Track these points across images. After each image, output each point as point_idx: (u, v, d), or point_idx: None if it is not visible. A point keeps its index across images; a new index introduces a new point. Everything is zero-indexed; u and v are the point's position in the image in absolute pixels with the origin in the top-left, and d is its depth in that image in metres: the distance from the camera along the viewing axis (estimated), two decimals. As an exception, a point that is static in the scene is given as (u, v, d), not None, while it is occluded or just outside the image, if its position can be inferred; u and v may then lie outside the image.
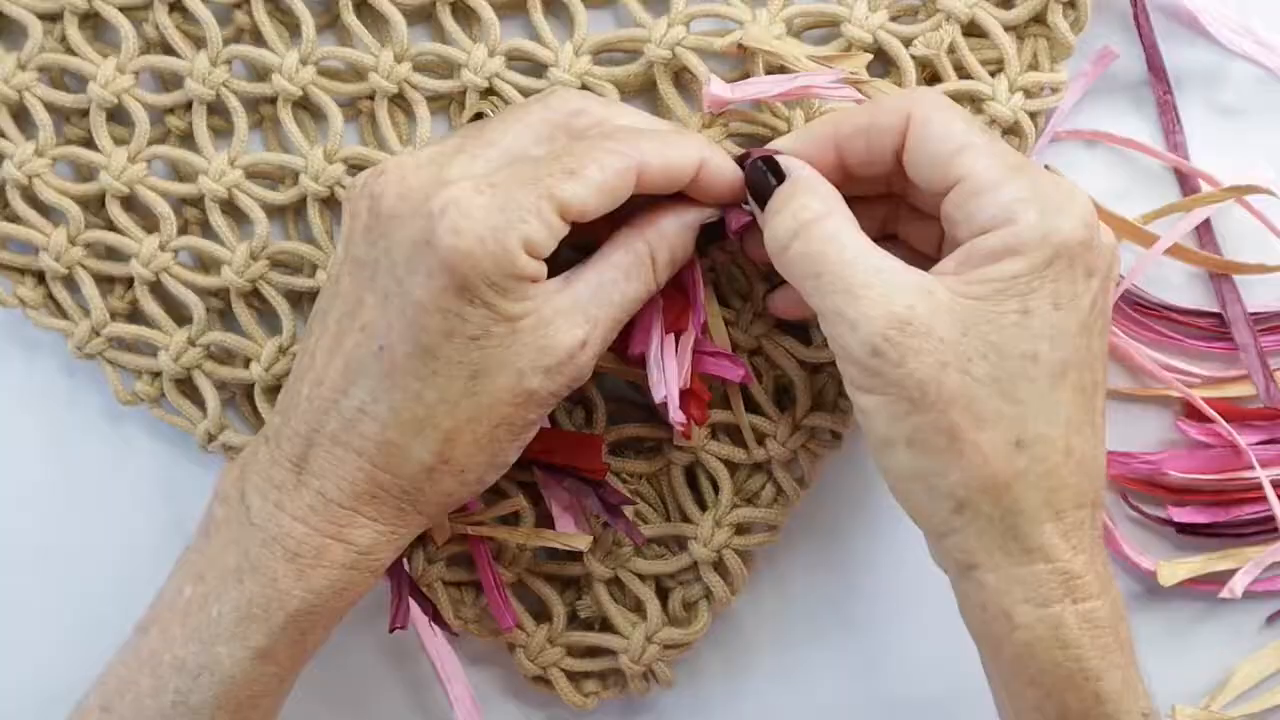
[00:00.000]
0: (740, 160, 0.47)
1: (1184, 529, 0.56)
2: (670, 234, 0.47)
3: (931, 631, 0.56)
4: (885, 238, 0.48)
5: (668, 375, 0.49)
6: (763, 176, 0.46)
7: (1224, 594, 0.55)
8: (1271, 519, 0.55)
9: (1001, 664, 0.44)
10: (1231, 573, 0.56)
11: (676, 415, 0.49)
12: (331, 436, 0.44)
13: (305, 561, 0.44)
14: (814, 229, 0.44)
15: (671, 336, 0.49)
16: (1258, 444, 0.55)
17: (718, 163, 0.47)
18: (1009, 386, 0.42)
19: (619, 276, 0.46)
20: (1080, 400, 0.43)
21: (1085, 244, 0.42)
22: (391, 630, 0.50)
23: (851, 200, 0.45)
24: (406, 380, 0.43)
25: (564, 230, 0.44)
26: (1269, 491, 0.54)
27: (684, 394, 0.49)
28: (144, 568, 0.55)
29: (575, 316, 0.45)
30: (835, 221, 0.44)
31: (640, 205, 0.47)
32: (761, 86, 0.51)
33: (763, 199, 0.46)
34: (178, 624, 0.45)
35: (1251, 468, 0.55)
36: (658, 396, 0.49)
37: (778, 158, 0.46)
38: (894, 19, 0.52)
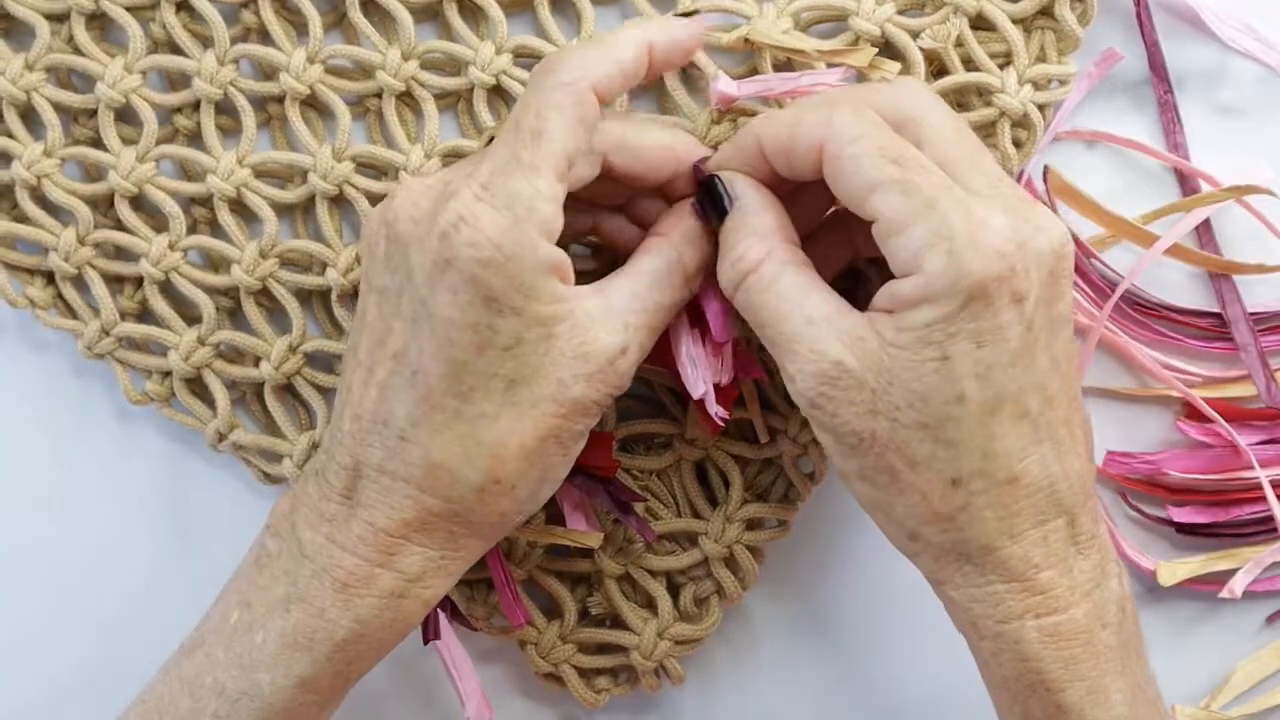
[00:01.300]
0: (695, 168, 0.47)
1: (1184, 529, 0.56)
2: (694, 234, 0.47)
3: (941, 628, 0.56)
4: None
5: (702, 372, 0.49)
6: (716, 195, 0.46)
7: (1224, 594, 0.55)
8: (1271, 519, 0.55)
9: (979, 665, 0.46)
10: (1231, 573, 0.56)
11: (716, 409, 0.48)
12: (377, 467, 0.44)
13: (354, 591, 0.44)
14: (751, 281, 0.44)
15: (698, 333, 0.49)
16: (1258, 444, 0.55)
17: (663, 43, 0.46)
18: (937, 430, 0.42)
19: (653, 284, 0.46)
20: (1022, 425, 0.42)
21: (1001, 278, 0.41)
22: (426, 642, 0.50)
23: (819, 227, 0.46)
24: (444, 400, 0.43)
25: (564, 190, 0.43)
26: (1268, 492, 0.54)
27: (719, 389, 0.49)
28: (152, 567, 0.56)
29: (612, 323, 0.45)
30: (771, 268, 0.44)
31: (667, 200, 0.48)
32: (768, 84, 0.51)
33: (716, 220, 0.46)
34: (221, 649, 0.45)
35: (1251, 468, 0.55)
36: (695, 393, 0.49)
37: (723, 176, 0.46)
38: (902, 12, 0.52)
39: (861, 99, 0.44)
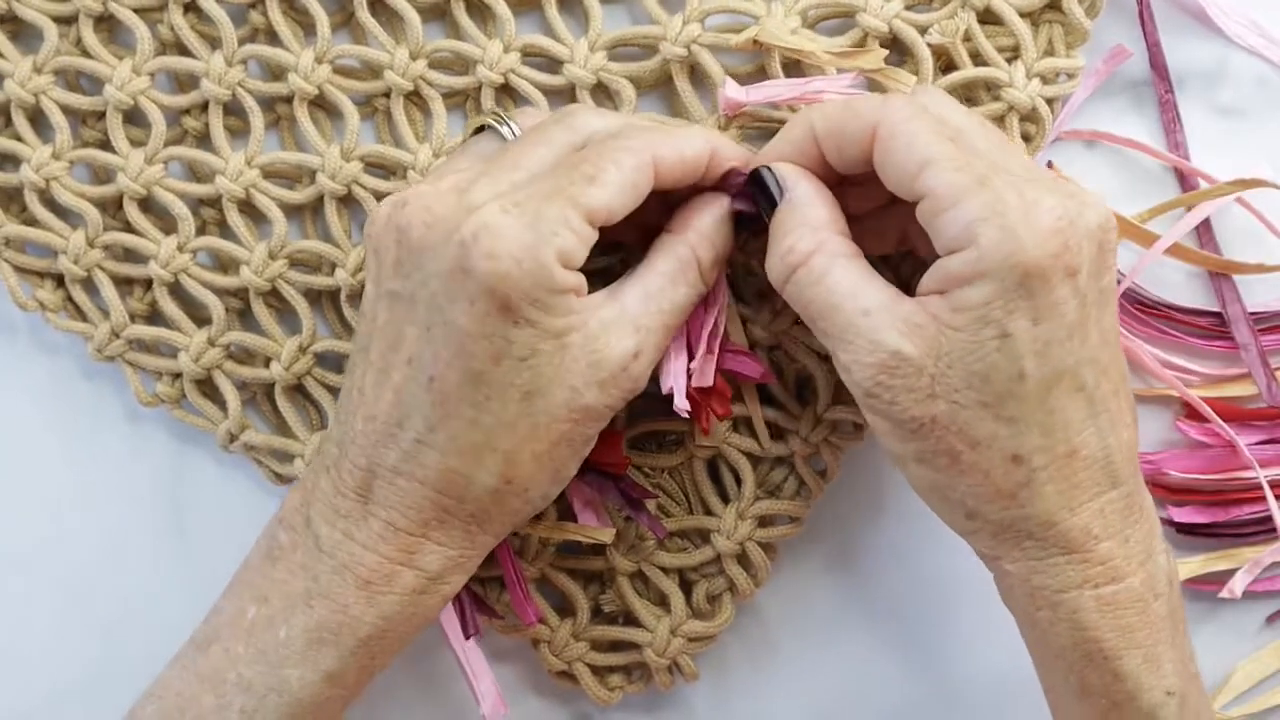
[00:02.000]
0: (725, 176, 0.47)
1: (1184, 529, 0.56)
2: (708, 230, 0.47)
3: (954, 622, 0.56)
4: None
5: (675, 366, 0.48)
6: (764, 188, 0.46)
7: (1224, 594, 0.56)
8: (1271, 519, 0.55)
9: (1031, 638, 0.46)
10: (1232, 573, 0.56)
11: (681, 404, 0.48)
12: (393, 469, 0.44)
13: (376, 588, 0.44)
14: (801, 274, 0.44)
15: (684, 329, 0.49)
16: (1257, 444, 0.56)
17: (727, 147, 0.47)
18: (998, 409, 0.42)
19: (665, 284, 0.46)
20: (1078, 399, 0.43)
21: (1055, 253, 0.41)
22: (467, 638, 0.51)
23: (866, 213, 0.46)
24: (460, 408, 0.43)
25: (593, 236, 0.44)
26: (1268, 492, 0.55)
27: (707, 390, 0.49)
28: (162, 567, 0.56)
29: (624, 327, 0.45)
30: (821, 261, 0.44)
31: (672, 206, 0.48)
32: (776, 89, 0.51)
33: (766, 211, 0.46)
34: (241, 644, 0.45)
35: (1251, 467, 0.55)
36: (665, 388, 0.49)
37: (775, 169, 0.46)
38: (909, 7, 0.52)
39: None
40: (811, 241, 0.44)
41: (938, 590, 0.56)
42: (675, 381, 0.48)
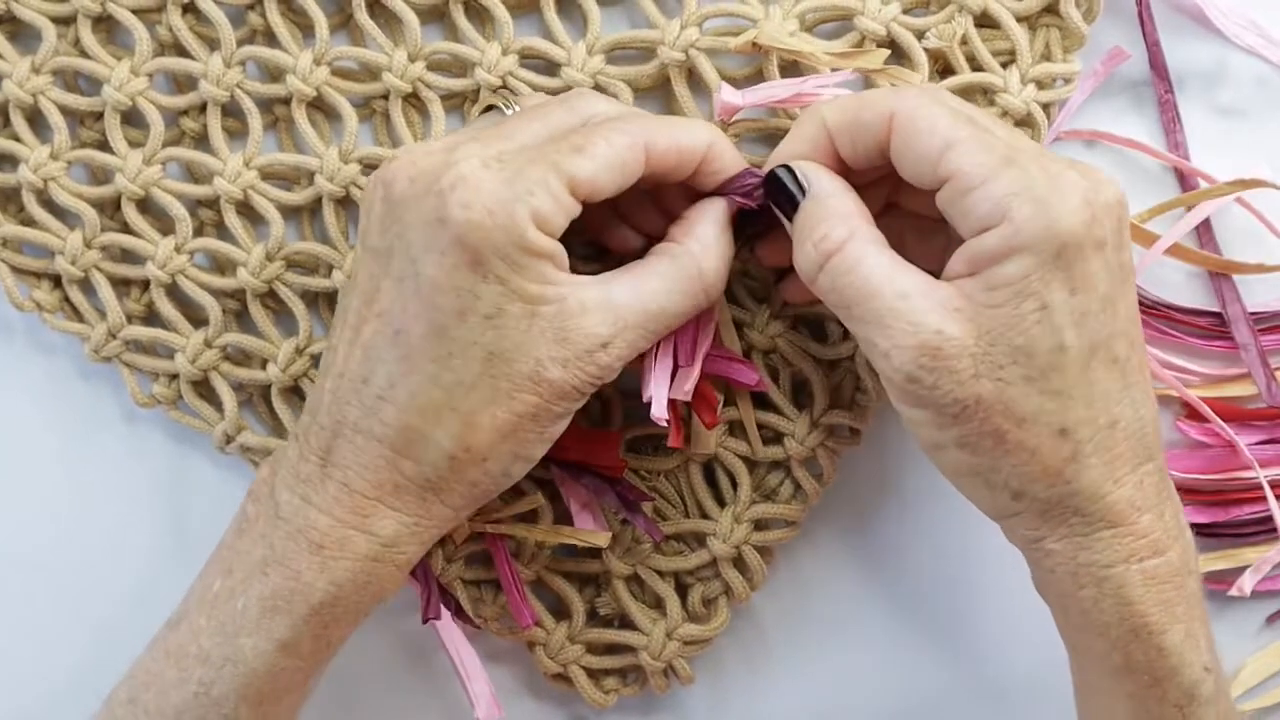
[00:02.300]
0: (736, 178, 0.47)
1: (1184, 529, 0.56)
2: (712, 239, 0.47)
3: (951, 625, 0.56)
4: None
5: (657, 374, 0.48)
6: (784, 187, 0.46)
7: (1233, 591, 0.56)
8: (1271, 518, 0.55)
9: (1070, 619, 0.46)
10: (1231, 572, 0.56)
11: (659, 413, 0.48)
12: (353, 425, 0.44)
13: (329, 553, 0.44)
14: (835, 261, 0.44)
15: (672, 338, 0.49)
16: (1257, 444, 0.56)
17: (724, 145, 0.47)
18: (1043, 383, 0.43)
19: (661, 287, 0.46)
20: (1114, 371, 0.43)
21: (1087, 223, 0.42)
22: (425, 621, 0.50)
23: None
24: (423, 363, 0.43)
25: (575, 208, 0.44)
26: (1268, 492, 0.54)
27: (694, 399, 0.49)
28: (159, 568, 0.56)
29: (603, 315, 0.45)
30: (856, 247, 0.44)
31: (672, 217, 0.48)
32: (772, 91, 0.51)
33: (787, 210, 0.46)
34: (204, 617, 0.45)
35: (1251, 467, 0.55)
36: (645, 394, 0.48)
37: (795, 166, 0.46)
38: (907, 11, 0.52)
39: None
40: (845, 230, 0.44)
41: (934, 594, 0.56)
42: (655, 391, 0.48)
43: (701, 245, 0.47)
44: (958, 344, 0.42)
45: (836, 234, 0.44)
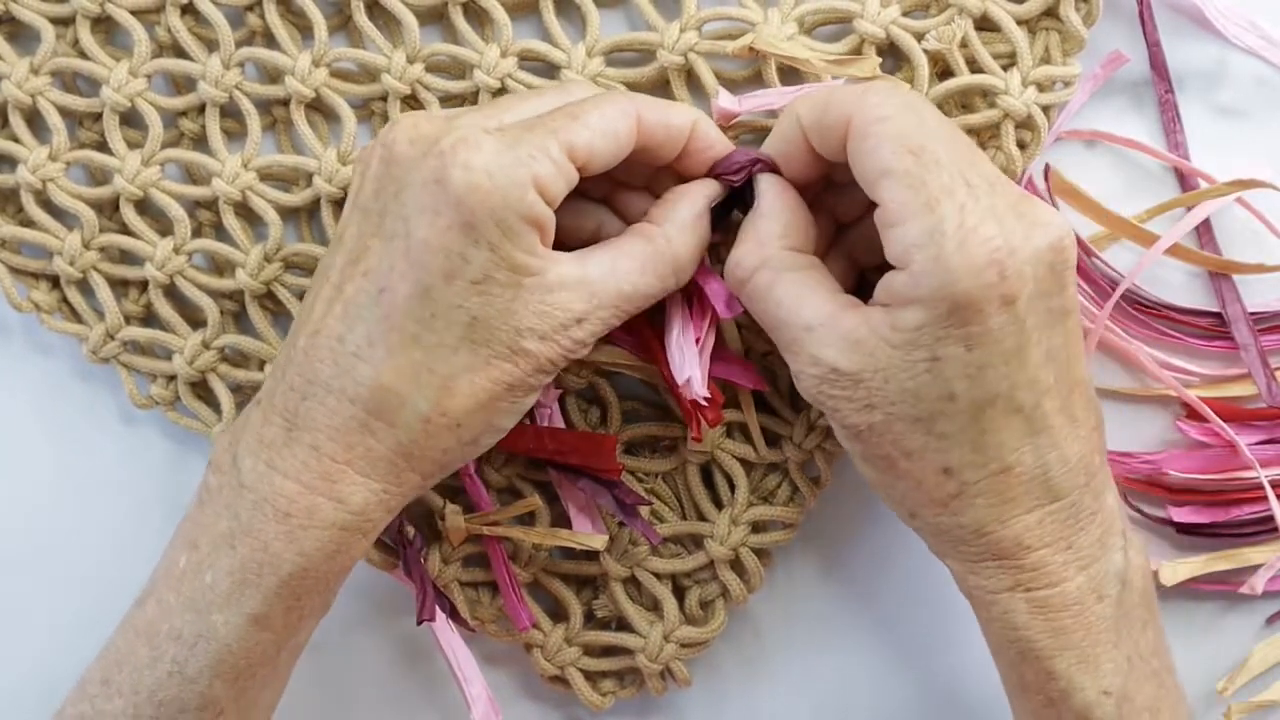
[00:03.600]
0: (727, 158, 0.48)
1: (1184, 529, 0.56)
2: (686, 220, 0.47)
3: (946, 628, 0.56)
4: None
5: (688, 357, 0.49)
6: (744, 196, 0.48)
7: (1244, 590, 0.55)
8: (1271, 518, 0.55)
9: (983, 633, 0.47)
10: (1232, 572, 0.56)
11: (700, 390, 0.49)
12: (325, 385, 0.44)
13: (296, 522, 0.44)
14: (748, 290, 0.46)
15: (691, 324, 0.49)
16: (1258, 444, 0.55)
17: (708, 124, 0.48)
18: (929, 424, 0.43)
19: (634, 267, 0.46)
20: (1015, 421, 0.43)
21: (989, 284, 0.41)
22: (420, 623, 0.50)
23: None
24: (405, 323, 0.43)
25: (573, 175, 0.44)
26: (1269, 491, 0.54)
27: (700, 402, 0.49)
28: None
29: (580, 290, 0.45)
30: (765, 278, 0.45)
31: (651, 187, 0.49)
32: (768, 98, 0.51)
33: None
34: (173, 593, 0.45)
35: (1251, 467, 0.55)
36: (680, 378, 0.49)
37: (756, 177, 0.48)
38: (906, 14, 0.52)
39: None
40: (756, 258, 0.46)
41: (930, 596, 0.56)
42: (692, 371, 0.49)
43: (676, 228, 0.47)
44: (852, 377, 0.44)
45: (748, 262, 0.46)
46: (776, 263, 0.46)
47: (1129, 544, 0.46)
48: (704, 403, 0.49)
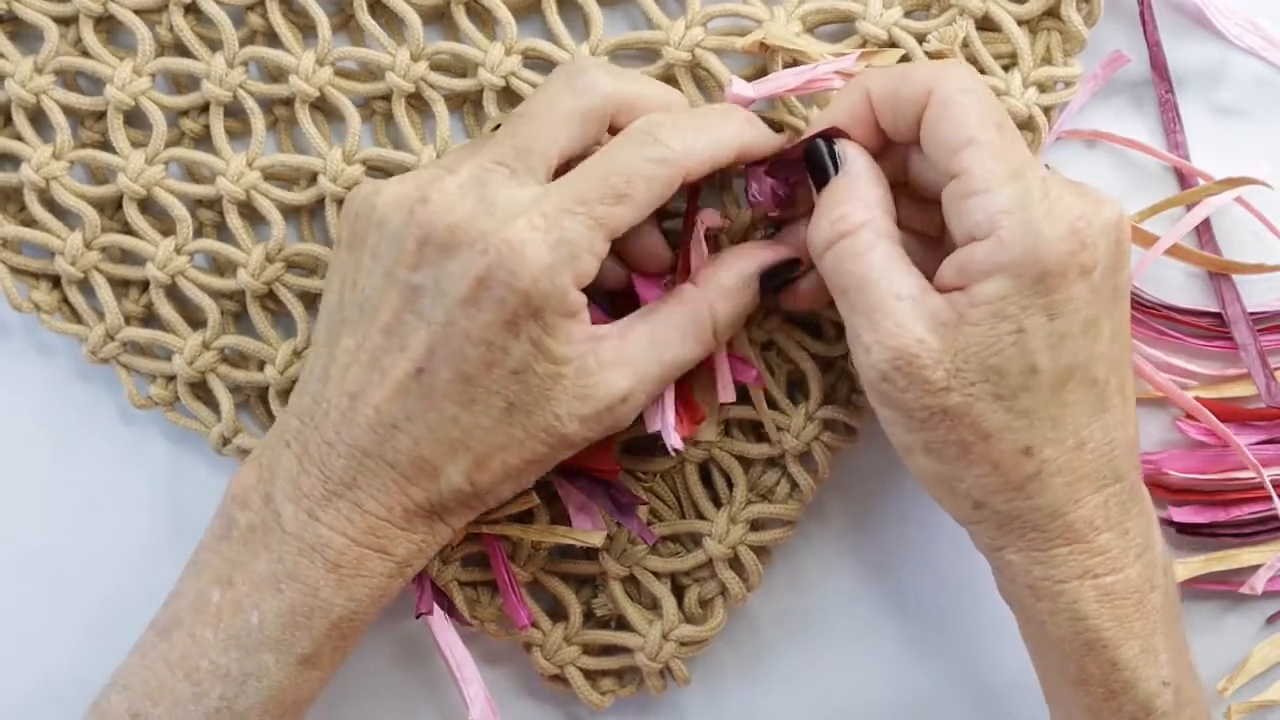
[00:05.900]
0: (772, 159, 0.48)
1: (1184, 529, 0.56)
2: (731, 288, 0.48)
3: (948, 625, 0.56)
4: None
5: (665, 403, 0.49)
6: (822, 159, 0.47)
7: (1244, 589, 0.56)
8: (1271, 519, 0.55)
9: (1029, 628, 0.47)
10: (1232, 573, 0.56)
11: (674, 442, 0.49)
12: (364, 450, 0.44)
13: (346, 572, 0.45)
14: (846, 244, 0.45)
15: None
16: (1257, 444, 0.56)
17: (756, 142, 0.48)
18: (1011, 402, 0.43)
19: (674, 336, 0.47)
20: (1090, 394, 0.44)
21: (1071, 251, 0.42)
22: (418, 615, 0.51)
23: None
24: (444, 404, 0.44)
25: (606, 249, 0.44)
26: (1270, 491, 0.54)
27: (676, 409, 0.50)
28: (157, 570, 0.55)
29: (622, 369, 0.45)
30: (868, 237, 0.44)
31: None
32: (783, 81, 0.51)
33: (818, 181, 0.47)
34: (209, 629, 0.45)
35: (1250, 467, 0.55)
36: (651, 427, 0.49)
37: (836, 144, 0.47)
38: (908, 14, 0.52)
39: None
40: (864, 214, 0.45)
41: (931, 594, 0.56)
42: (664, 420, 0.49)
43: (718, 292, 0.48)
44: (934, 356, 0.43)
45: (855, 216, 0.45)
46: (880, 225, 0.45)
47: (1162, 538, 0.47)
48: (676, 451, 0.49)
